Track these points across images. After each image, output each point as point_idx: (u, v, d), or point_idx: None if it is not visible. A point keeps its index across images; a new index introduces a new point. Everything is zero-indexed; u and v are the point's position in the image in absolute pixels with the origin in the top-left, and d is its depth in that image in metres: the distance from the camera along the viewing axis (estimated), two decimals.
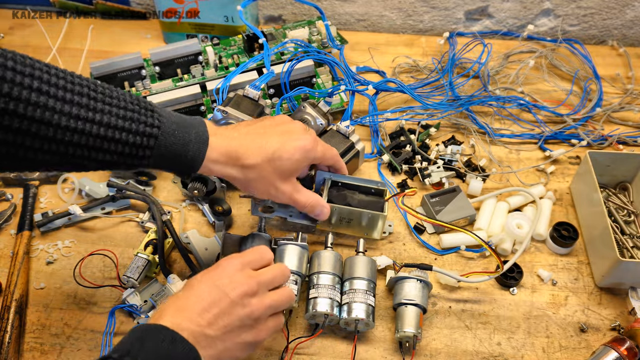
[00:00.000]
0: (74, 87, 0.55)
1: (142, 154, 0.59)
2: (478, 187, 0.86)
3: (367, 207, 0.76)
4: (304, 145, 0.67)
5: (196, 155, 0.61)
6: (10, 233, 0.82)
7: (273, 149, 0.65)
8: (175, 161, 0.61)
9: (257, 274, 0.61)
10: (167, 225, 0.79)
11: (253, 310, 0.58)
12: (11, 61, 0.51)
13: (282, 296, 0.62)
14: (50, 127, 0.53)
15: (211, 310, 0.56)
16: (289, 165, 0.66)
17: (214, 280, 0.58)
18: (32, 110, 0.52)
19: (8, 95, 0.50)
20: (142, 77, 0.92)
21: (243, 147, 0.64)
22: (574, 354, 0.72)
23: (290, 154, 0.65)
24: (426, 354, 0.71)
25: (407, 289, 0.71)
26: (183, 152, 0.61)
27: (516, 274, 0.77)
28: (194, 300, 0.57)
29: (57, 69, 0.55)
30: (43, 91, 0.52)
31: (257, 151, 0.64)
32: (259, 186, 0.66)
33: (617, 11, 1.12)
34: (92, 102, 0.56)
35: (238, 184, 0.67)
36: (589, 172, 0.80)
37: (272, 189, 0.67)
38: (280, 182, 0.67)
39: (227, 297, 0.57)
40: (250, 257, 0.62)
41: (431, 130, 0.94)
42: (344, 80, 0.93)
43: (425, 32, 1.19)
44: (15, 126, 0.51)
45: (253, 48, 0.96)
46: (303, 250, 0.73)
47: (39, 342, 0.71)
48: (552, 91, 1.03)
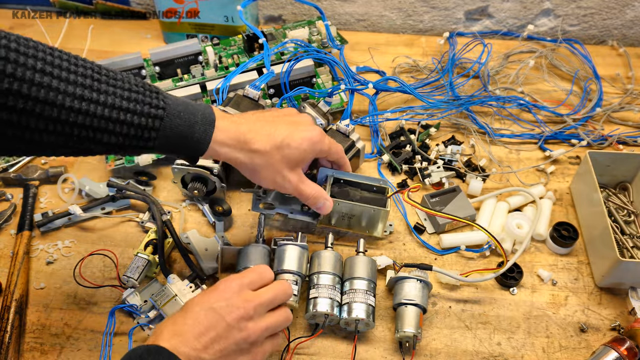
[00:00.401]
0: (78, 68, 0.55)
1: (147, 136, 0.58)
2: (478, 187, 0.86)
3: (370, 204, 0.76)
4: (312, 137, 0.67)
5: (202, 137, 0.61)
6: (10, 233, 0.82)
7: (282, 136, 0.65)
8: (181, 143, 0.60)
9: (256, 295, 0.61)
10: (167, 225, 0.79)
11: (249, 334, 0.59)
12: (14, 43, 0.51)
13: (279, 318, 0.62)
14: (54, 107, 0.53)
15: (207, 334, 0.57)
16: (297, 154, 0.66)
17: (211, 303, 0.59)
18: (36, 90, 0.52)
19: (12, 75, 0.50)
20: (142, 77, 0.92)
21: (252, 132, 0.64)
22: (574, 354, 0.72)
23: (298, 143, 0.65)
24: (426, 354, 0.71)
25: (407, 289, 0.71)
26: (189, 133, 0.60)
27: (516, 274, 0.77)
28: (190, 324, 0.57)
29: (61, 51, 0.55)
30: (47, 72, 0.52)
31: (265, 137, 0.64)
32: (266, 173, 0.66)
33: (617, 11, 1.12)
34: (95, 83, 0.55)
35: (244, 169, 0.66)
36: (589, 172, 0.80)
37: (278, 177, 0.66)
38: (287, 170, 0.66)
39: (223, 320, 0.58)
40: (250, 278, 0.63)
41: (431, 130, 0.94)
42: (344, 80, 0.93)
43: (425, 32, 1.19)
44: (19, 107, 0.51)
45: (253, 48, 0.96)
46: (303, 250, 0.73)
47: (39, 342, 0.71)
48: (552, 91, 1.04)
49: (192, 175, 0.82)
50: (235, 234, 0.82)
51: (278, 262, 0.72)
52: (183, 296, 0.71)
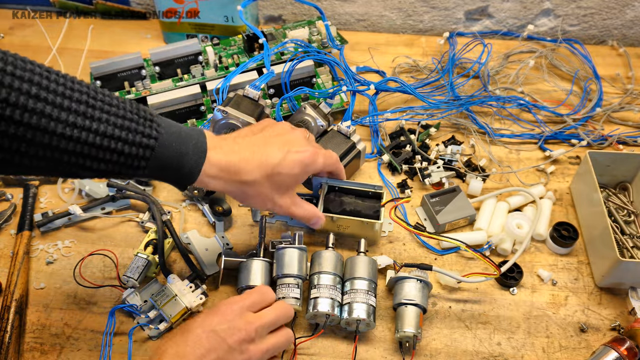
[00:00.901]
0: (73, 93, 0.54)
1: (137, 164, 0.58)
2: (478, 187, 0.86)
3: (364, 211, 0.77)
4: (304, 159, 0.66)
5: (193, 169, 0.60)
6: (10, 233, 0.82)
7: (273, 164, 0.64)
8: (171, 174, 0.60)
9: (257, 317, 0.62)
10: (167, 225, 0.79)
11: (250, 356, 0.60)
12: (11, 66, 0.51)
13: (280, 339, 0.63)
14: (45, 134, 0.52)
15: (209, 356, 0.57)
16: (288, 180, 0.66)
17: (213, 325, 0.60)
18: (29, 116, 0.51)
19: (5, 100, 0.50)
20: (142, 77, 0.92)
21: (243, 162, 0.63)
22: (574, 354, 0.72)
23: (290, 168, 0.65)
24: (426, 354, 0.71)
25: (407, 289, 0.71)
26: (179, 165, 0.60)
27: (516, 274, 0.77)
28: (192, 346, 0.58)
29: (58, 74, 0.55)
30: (41, 98, 0.52)
31: (257, 168, 0.64)
32: (257, 201, 0.66)
33: (617, 11, 1.12)
34: (89, 109, 0.55)
35: (235, 197, 0.67)
36: (589, 172, 0.80)
37: (269, 203, 0.67)
38: (279, 196, 0.67)
39: (225, 343, 0.59)
40: (251, 300, 0.64)
41: (431, 130, 0.94)
42: (345, 80, 0.93)
43: (425, 32, 1.19)
44: (10, 132, 0.51)
45: (253, 48, 0.96)
46: (302, 252, 0.73)
47: (39, 342, 0.71)
48: (552, 91, 1.03)
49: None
50: (235, 234, 0.82)
51: (278, 266, 0.72)
52: (183, 296, 0.71)
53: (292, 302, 0.69)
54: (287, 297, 0.70)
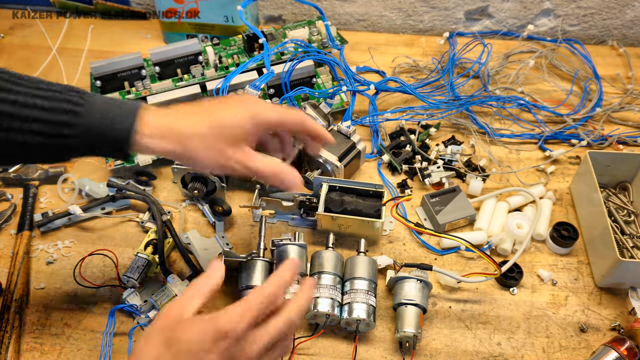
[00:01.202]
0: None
1: (66, 133, 0.56)
2: (478, 187, 0.86)
3: (365, 210, 0.77)
4: (250, 109, 0.60)
5: (125, 129, 0.56)
6: (10, 233, 0.82)
7: (216, 114, 0.59)
8: (103, 138, 0.56)
9: (258, 338, 0.53)
10: (167, 225, 0.79)
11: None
12: None
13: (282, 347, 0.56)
14: None
15: None
16: (236, 131, 0.59)
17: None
18: None
19: None
20: (142, 77, 0.92)
21: (182, 117, 0.59)
22: (574, 354, 0.72)
23: (233, 118, 0.59)
24: (426, 354, 0.71)
25: (407, 289, 0.71)
26: (111, 127, 0.56)
27: (516, 274, 0.77)
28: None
29: None
30: None
31: (199, 119, 0.59)
32: (206, 155, 0.59)
33: (617, 11, 1.12)
34: (7, 84, 0.54)
35: (182, 158, 0.60)
36: (589, 172, 0.80)
37: (221, 157, 0.59)
38: (230, 148, 0.59)
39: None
40: (256, 311, 0.54)
41: (431, 130, 0.94)
42: (345, 80, 0.93)
43: (425, 32, 1.19)
44: None
45: (253, 48, 0.96)
46: (302, 249, 0.73)
47: (39, 342, 0.71)
48: (552, 91, 1.04)
49: (192, 175, 0.82)
50: (235, 234, 0.82)
51: (279, 264, 0.72)
52: None
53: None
54: (287, 294, 0.70)
